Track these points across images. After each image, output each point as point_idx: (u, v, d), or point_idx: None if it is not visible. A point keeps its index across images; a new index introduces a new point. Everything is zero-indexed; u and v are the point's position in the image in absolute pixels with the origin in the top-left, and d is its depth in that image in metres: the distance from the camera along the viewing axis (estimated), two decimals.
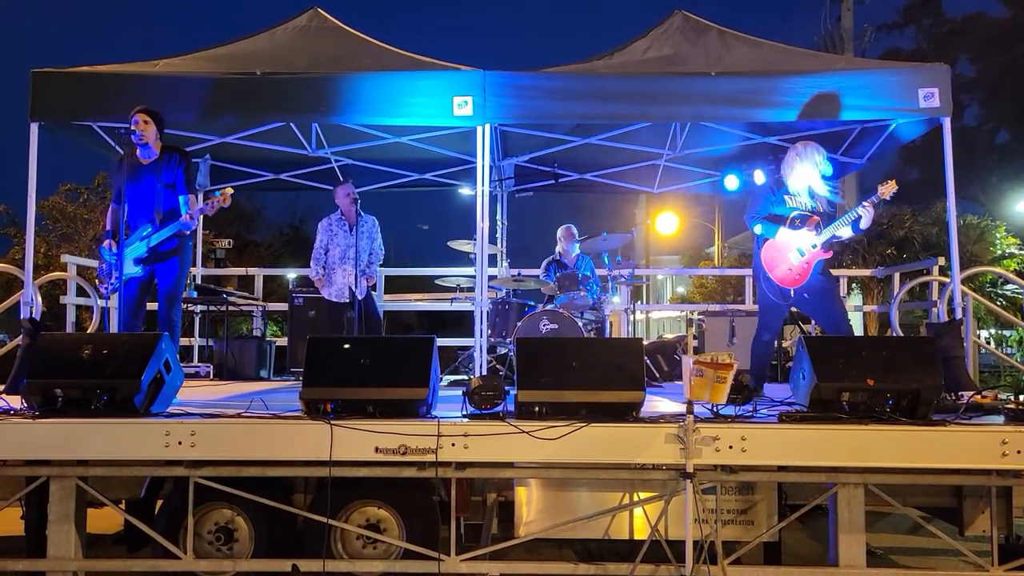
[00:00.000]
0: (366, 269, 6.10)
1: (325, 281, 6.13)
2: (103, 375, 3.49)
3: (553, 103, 5.05)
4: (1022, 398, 4.81)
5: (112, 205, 4.86)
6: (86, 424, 3.40)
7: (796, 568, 3.69)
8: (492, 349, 6.33)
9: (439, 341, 3.81)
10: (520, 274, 6.60)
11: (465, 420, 3.47)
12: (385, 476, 3.53)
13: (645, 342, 6.24)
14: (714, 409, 3.53)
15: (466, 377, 5.95)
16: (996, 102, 22.28)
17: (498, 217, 7.78)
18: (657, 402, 4.55)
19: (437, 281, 7.56)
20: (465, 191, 8.24)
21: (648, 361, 6.20)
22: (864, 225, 4.52)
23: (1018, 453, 3.28)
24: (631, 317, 7.28)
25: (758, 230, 4.68)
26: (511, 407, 3.57)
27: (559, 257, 7.11)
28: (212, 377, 6.63)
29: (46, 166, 5.21)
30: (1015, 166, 20.65)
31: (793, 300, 4.66)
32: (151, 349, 3.58)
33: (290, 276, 11.77)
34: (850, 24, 14.91)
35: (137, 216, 4.70)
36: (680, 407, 3.62)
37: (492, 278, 6.72)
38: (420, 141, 6.92)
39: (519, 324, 5.81)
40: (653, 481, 3.60)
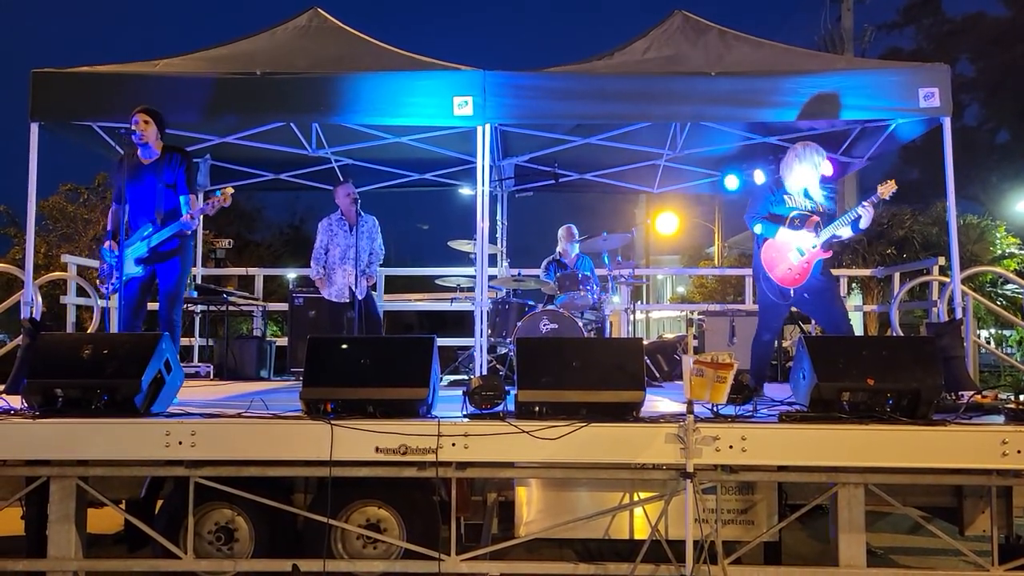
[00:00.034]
0: (366, 269, 6.10)
1: (325, 281, 6.14)
2: (103, 375, 3.49)
3: (553, 103, 5.05)
4: (1022, 398, 4.80)
5: (113, 205, 4.86)
6: (86, 424, 3.40)
7: (796, 568, 3.69)
8: (492, 349, 6.33)
9: (439, 341, 3.81)
10: (520, 274, 6.60)
11: (465, 420, 3.47)
12: (385, 476, 3.53)
13: (645, 342, 6.24)
14: (714, 409, 3.53)
15: (466, 377, 5.94)
16: (996, 102, 22.28)
17: (498, 217, 7.78)
18: (657, 402, 4.55)
19: (437, 281, 7.57)
20: (465, 191, 8.24)
21: (648, 361, 6.19)
22: (864, 225, 4.52)
23: (1018, 453, 3.29)
24: (631, 317, 7.28)
25: (758, 230, 4.68)
26: (511, 407, 3.57)
27: (559, 257, 7.11)
28: (212, 377, 6.63)
29: (46, 166, 5.21)
30: (1015, 166, 20.65)
31: (793, 300, 4.66)
32: (151, 349, 3.58)
33: (290, 276, 11.77)
34: (850, 24, 14.89)
35: (138, 216, 4.70)
36: (680, 407, 3.62)
37: (492, 278, 6.72)
38: (420, 141, 6.92)
39: (519, 324, 5.81)
40: (653, 481, 3.60)
